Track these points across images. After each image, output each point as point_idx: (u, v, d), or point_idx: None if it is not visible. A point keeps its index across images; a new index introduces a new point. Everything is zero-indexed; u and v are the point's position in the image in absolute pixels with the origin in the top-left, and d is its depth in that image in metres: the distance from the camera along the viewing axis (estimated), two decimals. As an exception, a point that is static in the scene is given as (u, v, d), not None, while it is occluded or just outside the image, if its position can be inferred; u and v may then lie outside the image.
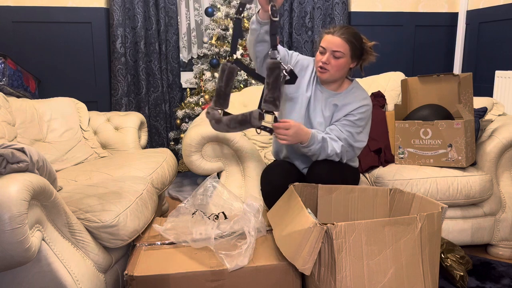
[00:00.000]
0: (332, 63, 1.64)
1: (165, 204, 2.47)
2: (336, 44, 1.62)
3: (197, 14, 3.36)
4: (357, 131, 1.70)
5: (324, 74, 1.67)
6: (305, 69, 1.77)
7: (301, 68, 1.76)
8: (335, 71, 1.66)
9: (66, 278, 1.24)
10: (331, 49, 1.63)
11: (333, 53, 1.63)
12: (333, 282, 1.24)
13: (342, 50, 1.63)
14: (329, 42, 1.63)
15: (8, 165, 1.12)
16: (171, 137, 3.19)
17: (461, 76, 2.05)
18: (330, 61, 1.64)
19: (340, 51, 1.62)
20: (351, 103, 1.70)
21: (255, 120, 1.45)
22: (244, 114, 1.47)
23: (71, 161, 2.20)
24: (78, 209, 1.42)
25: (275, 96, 1.43)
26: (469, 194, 1.89)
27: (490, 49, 3.08)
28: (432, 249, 1.32)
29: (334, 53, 1.63)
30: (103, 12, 3.06)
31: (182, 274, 1.33)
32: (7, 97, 2.21)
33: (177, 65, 3.25)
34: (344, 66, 1.66)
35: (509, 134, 1.97)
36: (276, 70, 1.42)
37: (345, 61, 1.65)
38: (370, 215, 1.66)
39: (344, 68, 1.67)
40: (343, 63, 1.65)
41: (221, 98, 1.56)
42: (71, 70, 3.09)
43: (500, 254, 2.01)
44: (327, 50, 1.63)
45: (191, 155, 1.96)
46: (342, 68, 1.66)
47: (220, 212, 1.62)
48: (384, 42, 3.37)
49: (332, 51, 1.63)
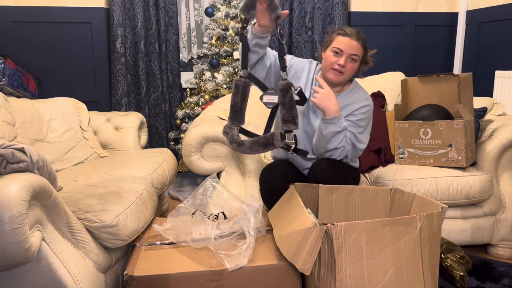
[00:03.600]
0: (348, 66, 1.65)
1: (165, 204, 2.47)
2: (355, 48, 1.64)
3: (197, 14, 3.36)
4: (359, 131, 1.70)
5: (340, 77, 1.67)
6: (301, 71, 1.76)
7: (296, 71, 1.76)
8: (349, 75, 1.68)
9: (66, 278, 1.24)
10: (349, 52, 1.63)
11: (350, 56, 1.64)
12: (333, 282, 1.24)
13: (359, 54, 1.65)
14: (347, 45, 1.63)
15: (8, 165, 1.12)
16: (171, 137, 3.19)
17: (461, 76, 2.05)
18: (347, 64, 1.65)
19: (357, 55, 1.65)
20: (352, 103, 1.71)
21: (277, 142, 1.44)
22: (266, 136, 1.46)
23: (71, 161, 2.20)
24: (78, 209, 1.42)
25: (293, 115, 1.43)
26: (469, 194, 1.89)
27: (490, 49, 3.08)
28: (432, 249, 1.32)
29: (351, 57, 1.64)
30: (103, 12, 3.06)
31: (182, 274, 1.33)
32: (7, 97, 2.21)
33: (177, 65, 3.25)
34: (356, 70, 1.70)
35: (509, 134, 1.97)
36: (289, 90, 1.43)
37: (358, 65, 1.69)
38: (370, 215, 1.66)
39: (355, 72, 1.71)
40: (356, 67, 1.69)
41: (238, 114, 1.54)
42: (71, 70, 3.09)
43: (500, 254, 2.01)
44: (345, 53, 1.64)
45: (191, 155, 1.96)
46: (354, 71, 1.70)
47: (220, 212, 1.62)
48: (384, 42, 3.38)
49: (350, 54, 1.64)
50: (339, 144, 1.64)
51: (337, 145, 1.64)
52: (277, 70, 1.72)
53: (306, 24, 3.25)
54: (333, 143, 1.64)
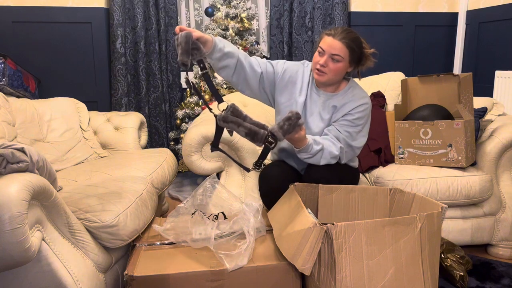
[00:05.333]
0: (330, 66, 1.61)
1: (165, 204, 2.47)
2: (336, 47, 1.59)
3: (197, 14, 3.36)
4: (356, 130, 1.68)
5: (322, 77, 1.64)
6: (295, 75, 1.75)
7: (290, 75, 1.74)
8: (332, 75, 1.64)
9: (66, 278, 1.24)
10: (330, 52, 1.60)
11: (331, 56, 1.60)
12: (333, 282, 1.24)
13: (341, 54, 1.60)
14: (328, 44, 1.60)
15: (8, 165, 1.12)
16: (171, 137, 3.19)
17: (461, 76, 2.04)
18: (328, 64, 1.61)
19: (339, 55, 1.60)
20: (349, 102, 1.68)
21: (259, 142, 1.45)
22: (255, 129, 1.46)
23: (71, 161, 2.20)
24: (78, 209, 1.42)
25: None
26: (469, 194, 1.89)
27: (490, 49, 3.08)
28: (432, 249, 1.32)
29: (333, 56, 1.60)
30: (103, 12, 3.06)
31: (182, 274, 1.33)
32: (7, 97, 2.21)
33: (177, 65, 3.25)
34: (341, 70, 1.65)
35: (509, 134, 1.97)
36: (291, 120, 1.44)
37: (343, 65, 1.63)
38: (370, 215, 1.66)
39: (341, 72, 1.66)
40: (341, 67, 1.63)
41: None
42: (71, 70, 3.09)
43: (500, 254, 2.01)
44: (326, 53, 1.61)
45: (191, 155, 1.96)
46: (339, 72, 1.65)
47: (220, 212, 1.62)
48: (384, 42, 3.38)
49: (331, 54, 1.60)
50: (328, 160, 1.63)
51: (328, 160, 1.63)
52: (271, 76, 1.72)
53: (306, 24, 3.25)
54: (322, 161, 1.63)
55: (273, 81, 1.74)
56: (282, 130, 1.43)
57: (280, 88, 1.74)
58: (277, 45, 3.29)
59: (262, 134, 1.43)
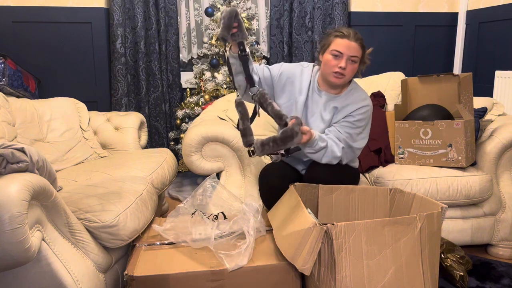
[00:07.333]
0: (349, 68, 1.63)
1: (165, 204, 2.47)
2: (354, 49, 1.61)
3: (197, 14, 3.36)
4: (357, 132, 1.69)
5: (342, 79, 1.65)
6: (293, 76, 1.75)
7: (288, 76, 1.75)
8: (349, 76, 1.66)
9: (66, 278, 1.24)
10: (349, 54, 1.61)
11: (350, 58, 1.62)
12: (333, 282, 1.24)
13: (358, 55, 1.63)
14: (346, 47, 1.61)
15: (8, 165, 1.12)
16: (171, 137, 3.19)
17: (461, 76, 2.04)
18: (347, 66, 1.63)
19: (357, 56, 1.63)
20: (351, 104, 1.70)
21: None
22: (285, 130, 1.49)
23: (71, 161, 2.20)
24: (78, 209, 1.42)
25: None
26: (469, 194, 1.89)
27: (490, 49, 3.08)
28: (432, 249, 1.32)
29: (351, 58, 1.62)
30: (103, 12, 3.06)
31: (182, 274, 1.33)
32: (7, 97, 2.21)
33: (177, 65, 3.25)
34: (356, 71, 1.68)
35: (509, 134, 1.97)
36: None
37: (357, 66, 1.67)
38: (370, 215, 1.66)
39: (355, 73, 1.69)
40: (356, 67, 1.66)
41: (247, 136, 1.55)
42: (71, 70, 3.09)
43: (500, 254, 2.01)
44: (344, 55, 1.61)
45: (191, 155, 1.96)
46: (354, 72, 1.68)
47: (220, 212, 1.62)
48: (384, 42, 3.38)
49: (350, 56, 1.62)
50: (330, 159, 1.65)
51: (329, 160, 1.65)
52: (269, 80, 1.74)
53: (306, 24, 3.25)
54: (323, 159, 1.65)
55: (271, 85, 1.75)
56: (263, 149, 1.48)
57: (278, 90, 1.75)
58: (277, 45, 3.29)
59: (247, 141, 1.51)
